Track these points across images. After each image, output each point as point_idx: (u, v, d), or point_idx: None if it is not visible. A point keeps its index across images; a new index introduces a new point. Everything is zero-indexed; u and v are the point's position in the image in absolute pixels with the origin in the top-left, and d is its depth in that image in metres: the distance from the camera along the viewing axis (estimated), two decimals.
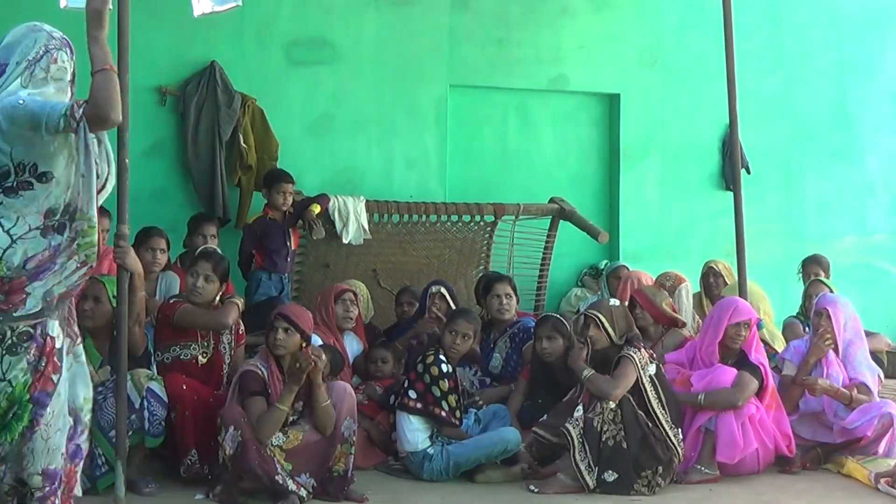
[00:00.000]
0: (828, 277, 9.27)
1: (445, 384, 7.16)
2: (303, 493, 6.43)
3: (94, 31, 4.90)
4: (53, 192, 4.80)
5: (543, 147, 10.70)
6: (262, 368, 6.62)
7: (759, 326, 8.17)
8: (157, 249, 7.90)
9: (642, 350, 7.05)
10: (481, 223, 9.77)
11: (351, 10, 9.94)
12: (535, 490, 6.89)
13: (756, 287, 8.58)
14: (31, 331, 4.84)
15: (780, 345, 8.48)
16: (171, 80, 9.30)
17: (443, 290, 8.33)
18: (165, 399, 6.56)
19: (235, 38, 9.50)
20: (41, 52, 4.94)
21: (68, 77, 5.02)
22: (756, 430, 7.22)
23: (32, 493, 4.90)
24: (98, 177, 4.94)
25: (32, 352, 4.83)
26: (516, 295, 8.35)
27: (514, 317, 8.28)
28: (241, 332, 7.29)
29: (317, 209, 8.88)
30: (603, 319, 7.08)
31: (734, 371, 7.27)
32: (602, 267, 10.34)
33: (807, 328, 8.75)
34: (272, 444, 6.42)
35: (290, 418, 6.53)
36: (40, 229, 4.79)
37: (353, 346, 8.15)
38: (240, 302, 7.28)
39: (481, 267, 9.81)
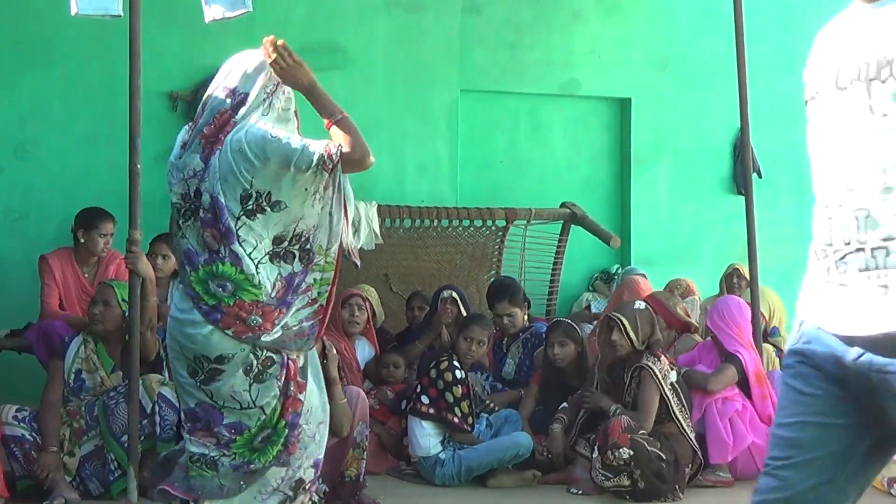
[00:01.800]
0: None
1: (458, 390, 7.16)
2: (315, 497, 6.43)
3: (314, 93, 5.04)
4: (283, 220, 4.90)
5: (555, 152, 10.70)
6: None
7: (775, 334, 8.19)
8: (158, 255, 7.91)
9: (663, 358, 7.02)
10: (493, 228, 9.76)
11: (362, 15, 9.96)
12: (579, 492, 6.92)
13: (772, 293, 8.59)
14: (275, 357, 4.93)
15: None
16: (183, 86, 9.33)
17: (454, 294, 8.33)
18: (177, 404, 6.57)
19: (247, 44, 9.38)
20: (276, 84, 5.05)
21: (293, 108, 5.16)
22: (746, 427, 7.21)
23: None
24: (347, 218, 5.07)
25: (280, 378, 4.98)
26: (522, 305, 8.34)
27: (524, 324, 8.29)
28: None
29: None
30: (626, 323, 7.05)
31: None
32: (614, 272, 10.33)
33: None
34: None
35: None
36: (269, 254, 4.91)
37: (364, 350, 8.15)
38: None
39: (493, 272, 9.80)
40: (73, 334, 6.84)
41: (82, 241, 7.80)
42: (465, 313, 8.20)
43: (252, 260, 4.86)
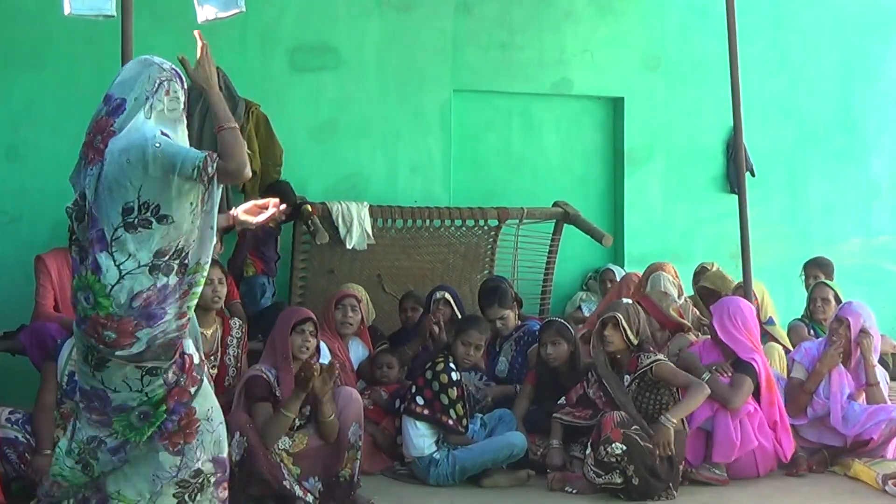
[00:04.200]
0: (831, 279, 9.26)
1: (454, 392, 7.15)
2: (309, 498, 6.43)
3: (213, 97, 5.06)
4: (169, 234, 4.89)
5: (547, 151, 10.71)
6: (269, 374, 6.63)
7: (771, 323, 8.19)
8: None
9: (659, 354, 7.08)
10: (485, 228, 9.76)
11: (354, 16, 9.95)
12: (574, 491, 6.92)
13: (756, 281, 8.60)
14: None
15: (783, 340, 8.49)
16: None
17: (447, 295, 8.33)
18: None
19: (239, 45, 9.51)
20: (156, 85, 5.02)
21: (181, 107, 5.12)
22: (754, 430, 7.21)
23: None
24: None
25: (172, 371, 5.03)
26: (513, 306, 8.33)
27: (516, 324, 8.29)
28: (245, 342, 7.34)
29: (310, 208, 8.91)
30: (621, 319, 7.07)
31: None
32: (597, 272, 10.38)
33: (811, 330, 8.75)
34: (278, 449, 6.43)
35: (297, 422, 6.54)
36: (148, 267, 4.88)
37: (358, 351, 8.15)
38: None
39: (486, 271, 9.80)
40: (65, 336, 6.83)
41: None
42: (458, 314, 8.19)
43: (119, 270, 4.85)
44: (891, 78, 11.55)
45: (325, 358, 7.65)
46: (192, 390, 5.11)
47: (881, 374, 7.82)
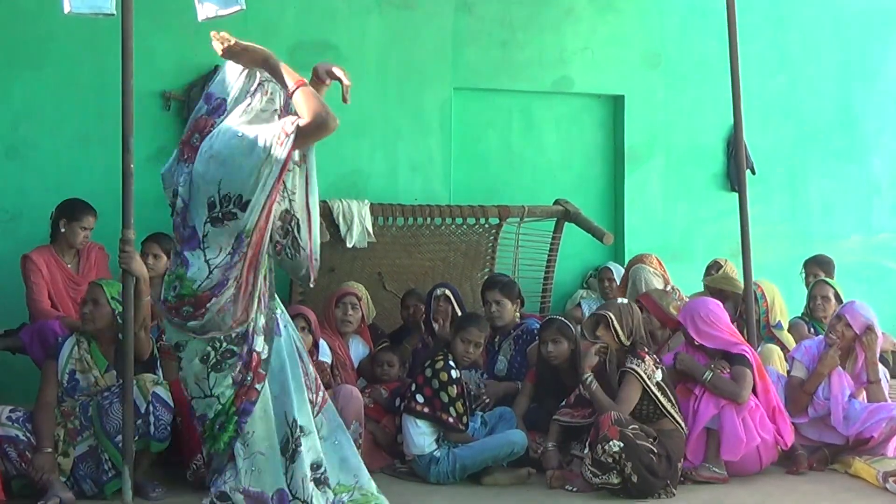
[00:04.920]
0: (831, 277, 9.26)
1: (454, 390, 7.16)
2: None
3: (270, 67, 5.23)
4: (249, 218, 5.09)
5: (548, 149, 10.70)
6: None
7: (779, 327, 8.20)
8: (150, 254, 7.92)
9: (647, 359, 7.02)
10: (486, 226, 9.76)
11: (354, 14, 9.95)
12: (574, 489, 6.92)
13: (770, 285, 8.61)
14: (235, 349, 5.00)
15: (790, 345, 8.48)
16: (175, 85, 9.32)
17: (447, 292, 8.32)
18: (171, 404, 6.56)
19: None
20: (255, 86, 5.24)
21: (275, 107, 5.31)
22: (757, 426, 7.22)
23: None
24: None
25: (238, 370, 5.24)
26: (514, 299, 8.26)
27: (513, 320, 8.25)
28: None
29: None
30: (613, 319, 7.07)
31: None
32: (596, 270, 10.38)
33: (811, 328, 8.75)
34: None
35: None
36: (230, 252, 5.13)
37: (358, 349, 8.16)
38: None
39: (486, 269, 9.80)
40: (66, 335, 6.84)
41: (63, 230, 7.85)
42: (458, 311, 8.19)
43: (209, 266, 5.07)
44: (891, 77, 11.55)
45: (326, 356, 7.67)
46: (258, 387, 5.27)
47: (881, 371, 7.82)
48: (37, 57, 9.04)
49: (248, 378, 5.22)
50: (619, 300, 7.42)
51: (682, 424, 7.00)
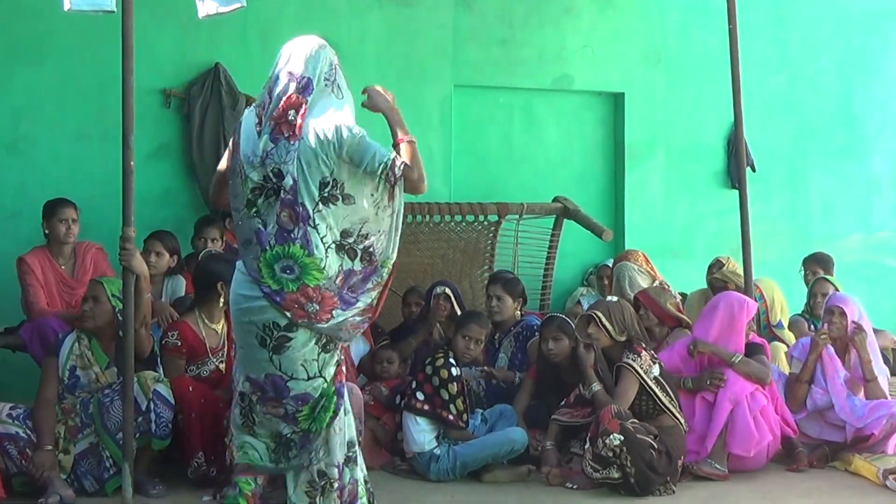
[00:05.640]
0: (830, 275, 9.27)
1: (454, 387, 7.16)
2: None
3: (393, 116, 5.51)
4: (351, 216, 5.19)
5: (548, 146, 10.71)
6: None
7: (780, 327, 8.25)
8: (152, 252, 7.92)
9: (643, 354, 7.03)
10: (485, 223, 9.76)
11: (355, 11, 9.95)
12: (575, 487, 6.92)
13: (772, 284, 8.63)
14: None
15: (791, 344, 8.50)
16: (176, 83, 9.33)
17: (447, 290, 8.31)
18: (172, 401, 6.57)
19: (240, 40, 9.52)
20: (333, 65, 5.40)
21: (345, 100, 5.47)
22: (769, 424, 7.25)
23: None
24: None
25: (340, 349, 5.40)
26: (515, 296, 8.24)
27: (514, 317, 8.25)
28: None
29: None
30: (601, 317, 7.08)
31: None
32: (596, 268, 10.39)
33: (812, 326, 8.76)
34: None
35: None
36: (336, 244, 5.18)
37: (358, 346, 8.15)
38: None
39: (486, 267, 9.80)
40: (66, 331, 6.83)
41: (47, 231, 7.83)
42: (458, 309, 8.19)
43: (323, 244, 5.11)
44: (891, 74, 11.54)
45: None
46: (344, 368, 5.46)
47: (881, 369, 7.83)
48: (37, 53, 9.05)
49: (342, 358, 5.41)
50: (609, 298, 7.47)
51: (682, 421, 7.01)
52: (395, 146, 5.33)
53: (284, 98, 5.19)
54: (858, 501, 6.80)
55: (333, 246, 5.17)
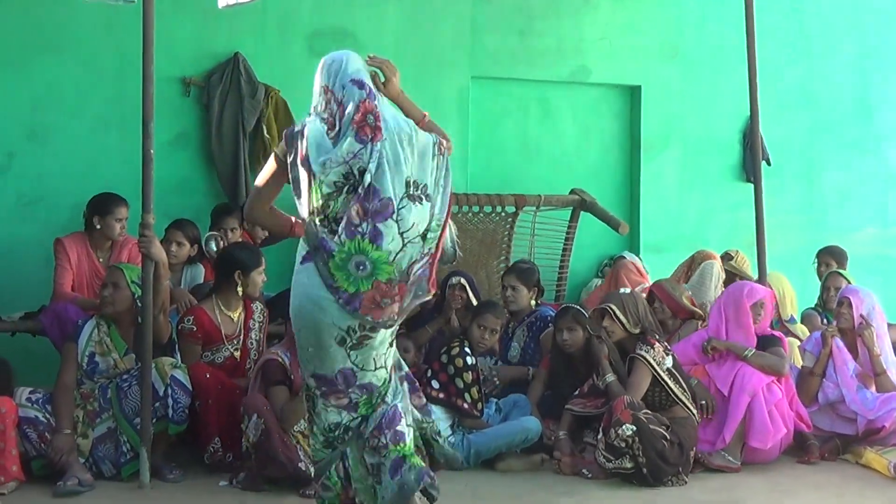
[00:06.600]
0: (843, 268, 9.27)
1: (469, 376, 7.21)
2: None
3: (401, 98, 5.75)
4: (429, 210, 5.30)
5: (565, 138, 10.72)
6: (285, 357, 6.68)
7: (792, 322, 8.27)
8: (173, 242, 7.96)
9: (656, 345, 7.08)
10: (502, 214, 9.79)
11: (372, 2, 9.96)
12: (589, 475, 6.98)
13: (783, 279, 8.65)
14: None
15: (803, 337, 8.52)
16: (196, 71, 9.35)
17: (462, 280, 8.34)
18: (189, 387, 6.64)
19: (259, 30, 9.55)
20: (371, 74, 5.62)
21: None
22: (784, 418, 7.29)
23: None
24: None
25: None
26: (531, 286, 8.31)
27: (528, 307, 8.29)
28: (266, 325, 7.40)
29: None
30: (615, 309, 7.13)
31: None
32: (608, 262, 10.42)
33: (825, 320, 8.78)
34: (294, 431, 6.49)
35: None
36: (415, 238, 5.24)
37: None
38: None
39: (502, 257, 9.83)
40: (86, 317, 6.89)
41: (98, 227, 7.77)
42: (473, 299, 8.22)
43: (402, 239, 5.17)
44: None
45: None
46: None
47: (893, 363, 7.85)
48: (57, 41, 9.08)
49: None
50: (622, 290, 7.51)
51: (695, 412, 7.05)
52: (420, 124, 5.46)
53: (360, 104, 5.31)
54: (869, 494, 6.83)
55: (418, 239, 5.23)
